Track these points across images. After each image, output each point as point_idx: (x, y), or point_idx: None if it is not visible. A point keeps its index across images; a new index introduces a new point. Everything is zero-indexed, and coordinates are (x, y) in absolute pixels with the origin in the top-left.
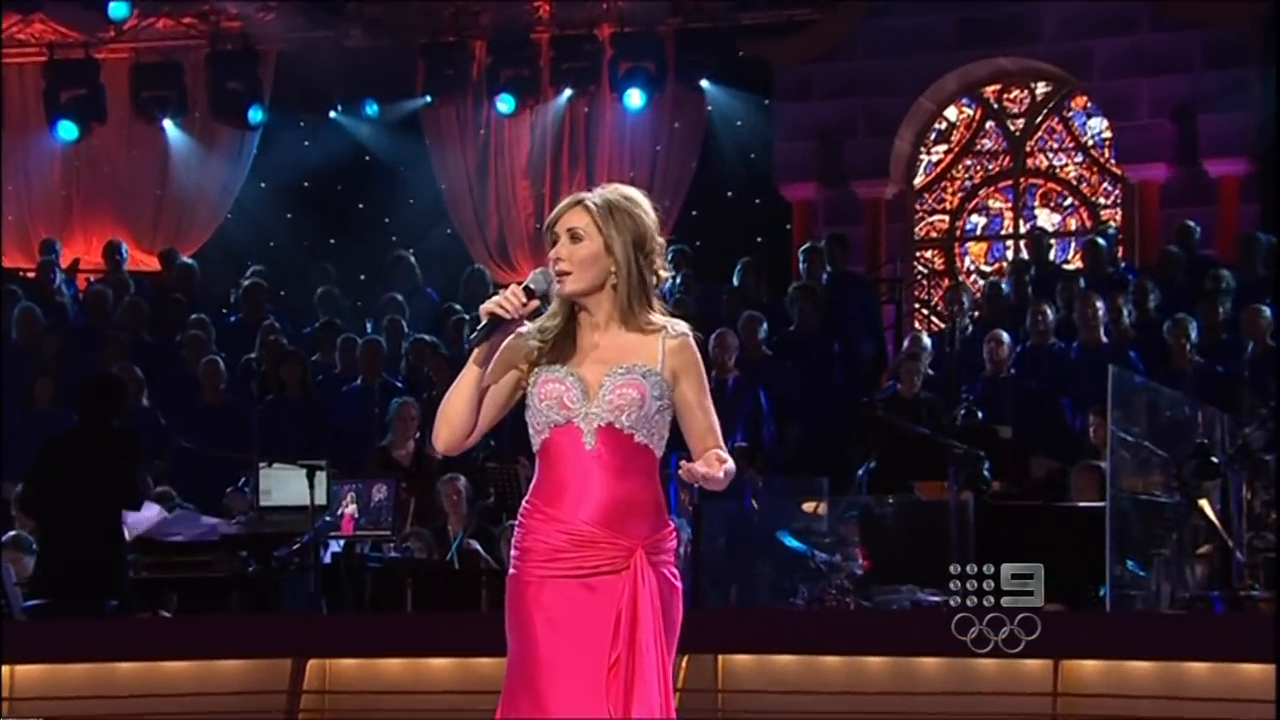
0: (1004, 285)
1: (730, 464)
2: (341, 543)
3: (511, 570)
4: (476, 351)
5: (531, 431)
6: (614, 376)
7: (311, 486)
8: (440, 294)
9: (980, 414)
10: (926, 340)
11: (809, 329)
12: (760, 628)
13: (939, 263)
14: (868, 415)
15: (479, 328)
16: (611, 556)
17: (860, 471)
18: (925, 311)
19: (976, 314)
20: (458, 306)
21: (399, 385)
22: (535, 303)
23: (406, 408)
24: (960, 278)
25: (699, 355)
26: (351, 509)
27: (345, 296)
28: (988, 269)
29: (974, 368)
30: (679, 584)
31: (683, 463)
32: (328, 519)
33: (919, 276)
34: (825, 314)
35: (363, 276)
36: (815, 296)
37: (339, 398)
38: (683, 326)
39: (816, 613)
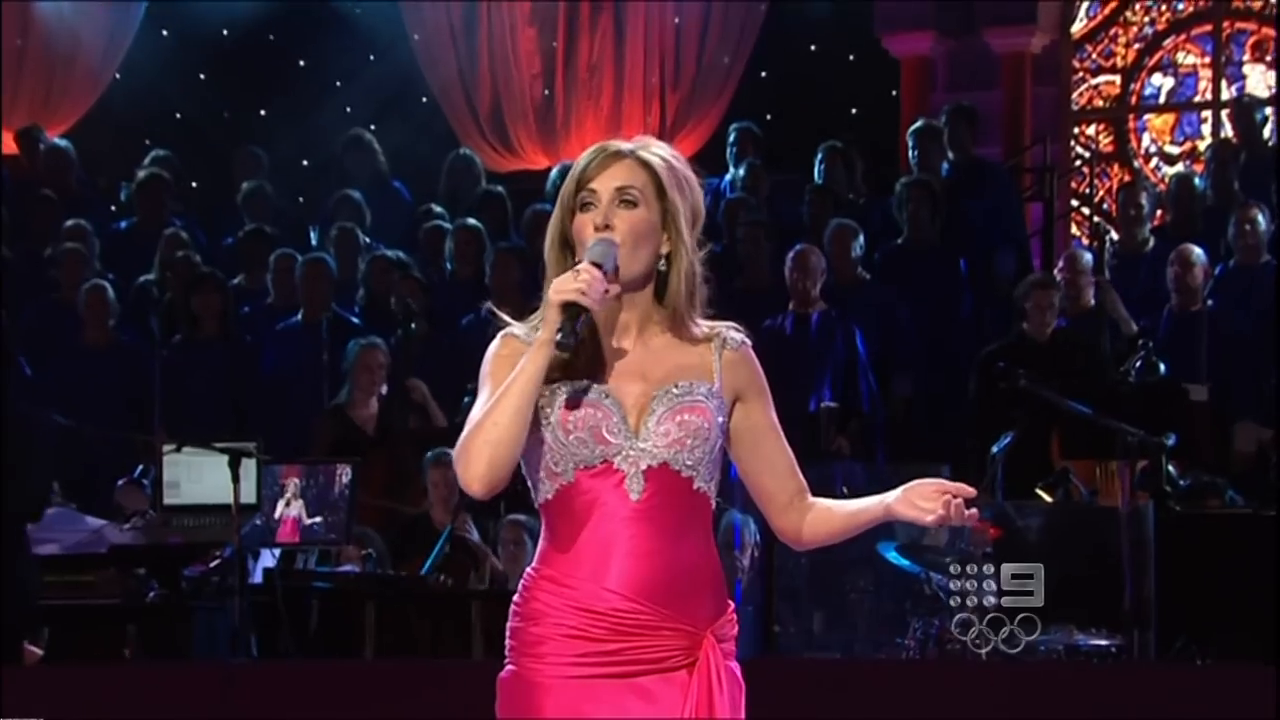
0: (1198, 179)
1: None
2: (277, 555)
3: (509, 667)
4: (542, 357)
5: (537, 475)
6: (667, 399)
7: (236, 477)
8: (412, 190)
9: (1162, 366)
10: (1088, 258)
11: (923, 241)
12: (854, 683)
13: (1106, 143)
14: (1006, 385)
15: (563, 326)
16: (673, 647)
17: (995, 450)
18: (1086, 212)
19: (1158, 219)
20: (437, 209)
21: (354, 321)
22: (616, 286)
23: (368, 353)
24: (1137, 164)
25: (761, 370)
26: (294, 507)
27: (281, 194)
28: (1175, 152)
29: (1154, 297)
30: (743, 682)
31: (958, 485)
32: (259, 522)
33: (1077, 163)
34: (946, 219)
35: (305, 163)
36: (932, 195)
37: (272, 338)
38: (739, 333)
39: (933, 663)
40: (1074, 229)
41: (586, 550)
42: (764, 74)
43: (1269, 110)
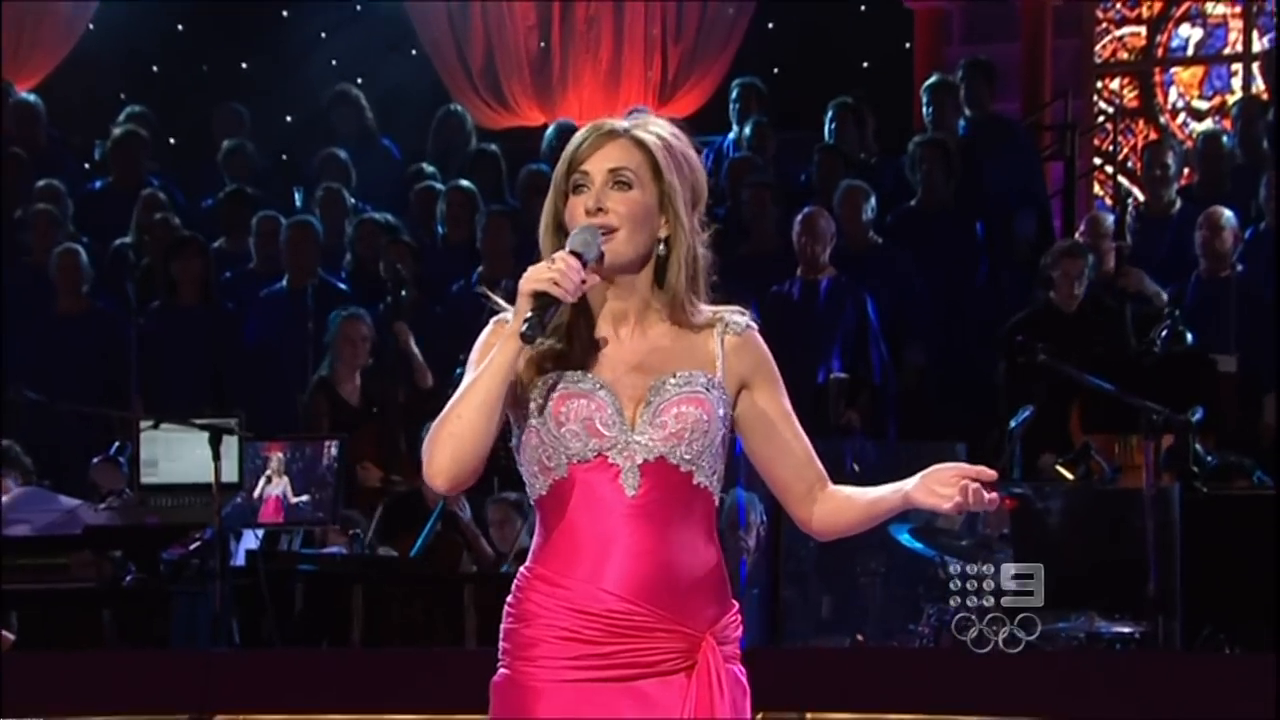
0: (1226, 137)
1: None
2: (260, 536)
3: (502, 670)
4: (510, 350)
5: (531, 470)
6: (666, 390)
7: (217, 455)
8: (402, 148)
9: (1190, 335)
10: (1109, 221)
11: (938, 203)
12: (866, 673)
13: (1130, 98)
14: (1025, 360)
15: (530, 316)
16: (670, 649)
17: (1013, 425)
18: (1109, 171)
19: (1185, 179)
20: (428, 168)
21: (341, 287)
22: (595, 277)
23: (351, 324)
24: (1163, 120)
25: (767, 348)
26: (278, 485)
27: (263, 152)
28: (1203, 107)
29: (1181, 262)
30: (747, 685)
31: (978, 469)
32: (240, 500)
33: (1100, 119)
34: (962, 180)
35: (289, 120)
36: (947, 154)
37: (255, 305)
38: (743, 317)
39: (948, 651)
40: (1097, 188)
41: (580, 548)
42: (770, 26)
43: None
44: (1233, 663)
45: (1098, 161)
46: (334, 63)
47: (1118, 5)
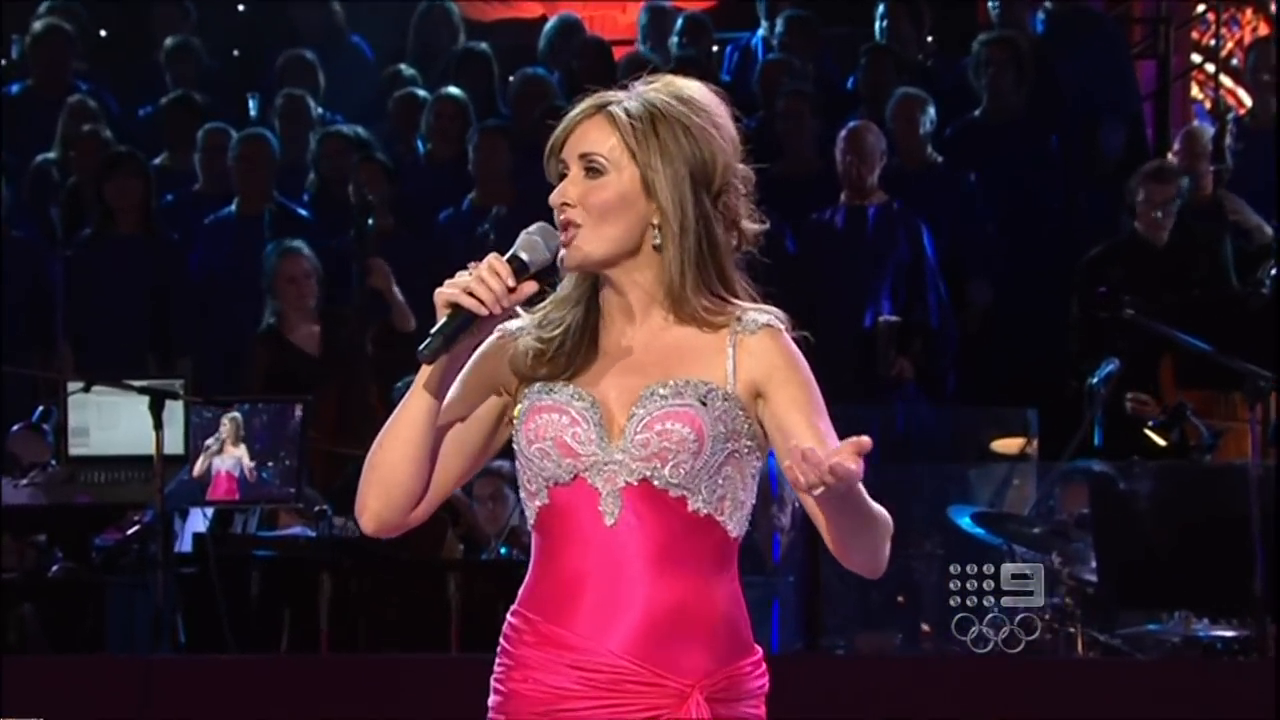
0: None
1: (886, 515)
2: (209, 516)
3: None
4: (427, 369)
5: (523, 494)
6: (653, 400)
7: (159, 422)
8: (377, 48)
9: None
10: (1208, 136)
11: (1007, 113)
12: (918, 682)
13: None
14: (1109, 316)
15: (436, 329)
16: (651, 706)
17: (1094, 380)
18: (1209, 70)
19: None
20: (406, 70)
21: (302, 214)
22: (531, 285)
23: (288, 260)
24: (1274, 9)
25: (798, 352)
26: (231, 457)
27: (212, 51)
28: None
29: None
30: None
31: (797, 447)
32: (186, 477)
33: (1201, 9)
34: (1035, 85)
35: (242, 10)
36: (1018, 55)
37: (202, 234)
38: (766, 315)
39: (1015, 657)
40: (1196, 91)
41: (554, 585)
42: None
43: None
44: None
45: (1197, 59)
46: None
47: None
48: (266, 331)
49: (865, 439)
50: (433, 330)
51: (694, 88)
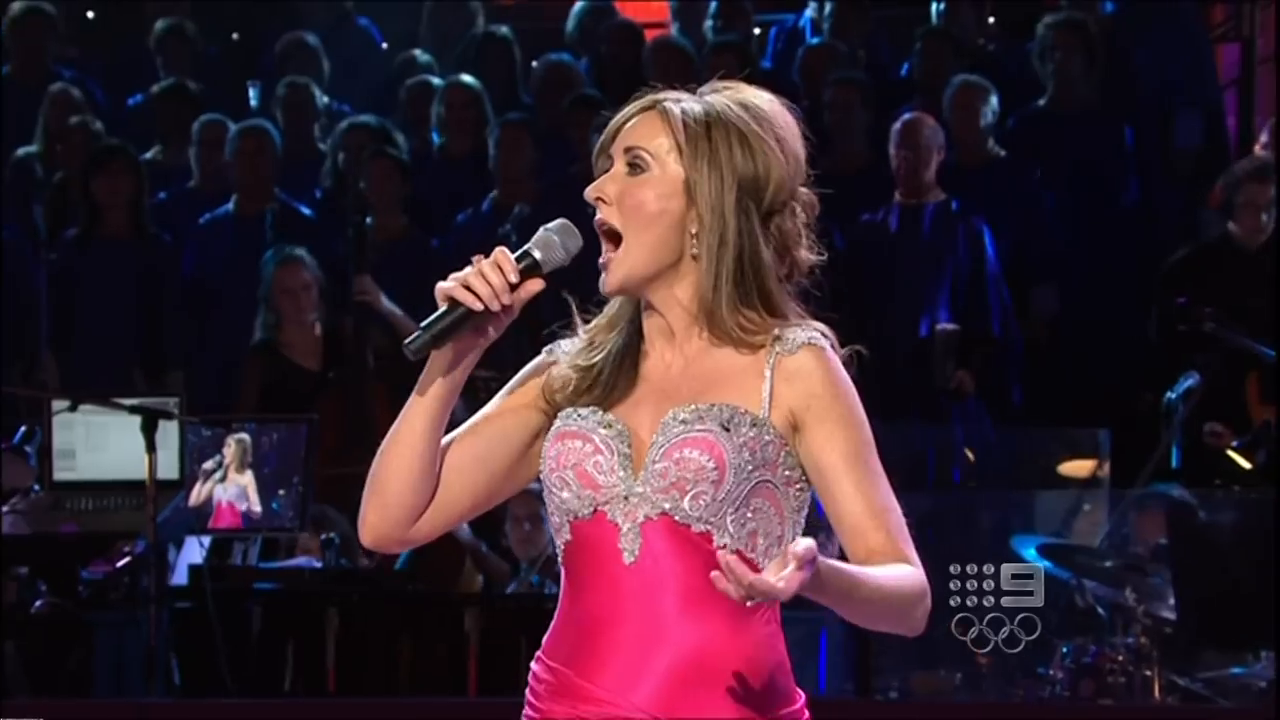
0: None
1: (909, 579)
2: (205, 545)
3: None
4: (427, 372)
5: (550, 529)
6: (673, 427)
7: (151, 444)
8: (388, 31)
9: None
10: None
11: (1076, 102)
12: None
13: None
14: (1188, 329)
15: (426, 323)
16: None
17: (1172, 395)
18: None
19: None
20: (421, 56)
21: (306, 213)
22: (536, 284)
23: (287, 270)
24: None
25: (843, 376)
26: (233, 483)
27: (209, 35)
28: None
29: None
30: None
31: (723, 556)
32: (182, 504)
33: None
34: (1107, 72)
35: None
36: (1087, 39)
37: (197, 235)
38: (808, 332)
39: (1087, 703)
40: None
41: (576, 631)
42: None
43: None
44: None
45: None
46: None
47: None
48: (260, 345)
49: (806, 546)
50: (422, 325)
51: (763, 98)
